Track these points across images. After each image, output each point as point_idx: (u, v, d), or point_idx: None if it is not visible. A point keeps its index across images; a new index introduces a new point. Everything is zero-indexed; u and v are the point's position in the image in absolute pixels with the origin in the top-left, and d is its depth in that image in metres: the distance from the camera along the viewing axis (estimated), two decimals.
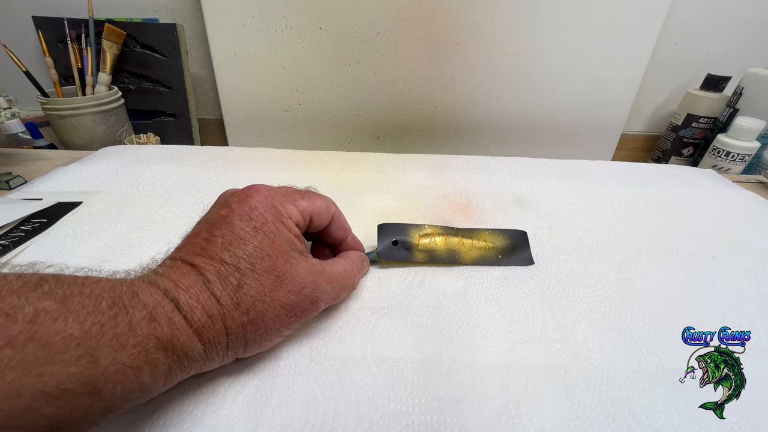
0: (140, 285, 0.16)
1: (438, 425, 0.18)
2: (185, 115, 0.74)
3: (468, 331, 0.23)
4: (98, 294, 0.14)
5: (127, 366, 0.14)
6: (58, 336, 0.12)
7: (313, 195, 0.23)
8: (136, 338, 0.14)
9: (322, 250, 0.26)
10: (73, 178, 0.39)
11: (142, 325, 0.15)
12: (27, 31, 0.68)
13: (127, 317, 0.14)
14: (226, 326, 0.17)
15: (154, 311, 0.15)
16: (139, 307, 0.15)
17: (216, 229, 0.19)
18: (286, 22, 0.67)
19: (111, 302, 0.14)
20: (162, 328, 0.15)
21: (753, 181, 0.48)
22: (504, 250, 0.30)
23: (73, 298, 0.14)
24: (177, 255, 0.19)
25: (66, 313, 0.13)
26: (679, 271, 0.29)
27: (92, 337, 0.13)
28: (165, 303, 0.16)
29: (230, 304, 0.17)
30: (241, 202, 0.20)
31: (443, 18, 0.67)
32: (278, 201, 0.21)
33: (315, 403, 0.19)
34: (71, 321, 0.13)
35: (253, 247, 0.18)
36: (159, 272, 0.17)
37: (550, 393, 0.20)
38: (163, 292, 0.16)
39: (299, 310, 0.20)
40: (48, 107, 0.60)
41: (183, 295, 0.16)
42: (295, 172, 0.42)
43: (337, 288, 0.22)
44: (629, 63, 0.71)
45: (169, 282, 0.17)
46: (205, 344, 0.17)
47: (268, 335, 0.19)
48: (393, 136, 0.79)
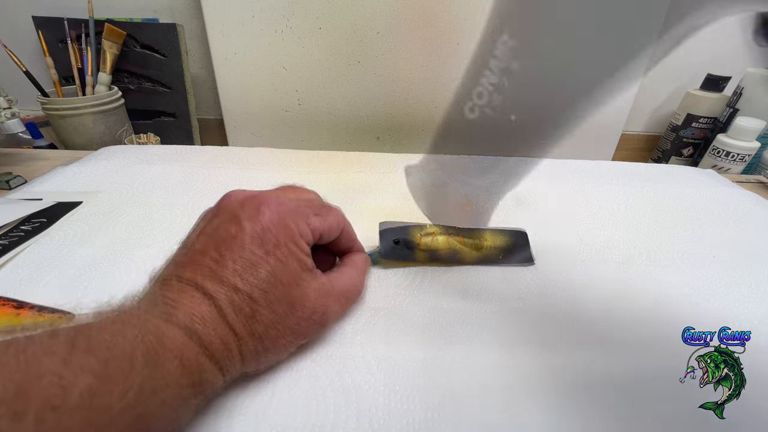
0: (160, 325, 0.15)
1: (438, 423, 0.18)
2: (185, 115, 0.74)
3: (468, 331, 0.23)
4: (130, 353, 0.14)
5: (171, 419, 0.15)
6: (108, 413, 0.12)
7: (326, 211, 0.22)
8: (173, 391, 0.14)
9: (325, 255, 0.26)
10: (73, 178, 0.39)
11: (176, 376, 0.15)
12: (27, 31, 0.68)
13: (161, 371, 0.14)
14: (241, 354, 0.17)
15: (182, 358, 0.15)
16: (168, 356, 0.15)
17: (225, 249, 0.18)
18: (286, 22, 0.67)
19: (144, 360, 0.14)
20: (192, 372, 0.15)
21: (753, 181, 0.48)
22: (505, 249, 0.30)
23: (110, 365, 0.13)
24: (183, 275, 0.18)
25: (110, 385, 0.13)
26: (679, 271, 0.29)
27: (138, 404, 0.13)
28: (190, 345, 0.16)
29: (245, 334, 0.17)
30: (252, 219, 0.19)
31: (443, 18, 0.67)
32: (290, 218, 0.20)
33: (316, 403, 0.19)
34: (116, 393, 0.13)
35: (266, 273, 0.18)
36: (169, 300, 0.17)
37: (550, 393, 0.20)
38: (184, 330, 0.16)
39: (308, 333, 0.20)
40: (48, 107, 0.60)
41: (201, 329, 0.16)
42: (295, 172, 0.42)
43: (345, 305, 0.23)
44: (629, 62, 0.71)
45: (184, 315, 0.16)
46: (224, 374, 0.17)
47: (279, 357, 0.20)
48: (393, 136, 0.79)
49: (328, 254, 0.26)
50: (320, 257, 0.25)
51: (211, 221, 0.20)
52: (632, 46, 0.19)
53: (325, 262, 0.25)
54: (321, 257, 0.25)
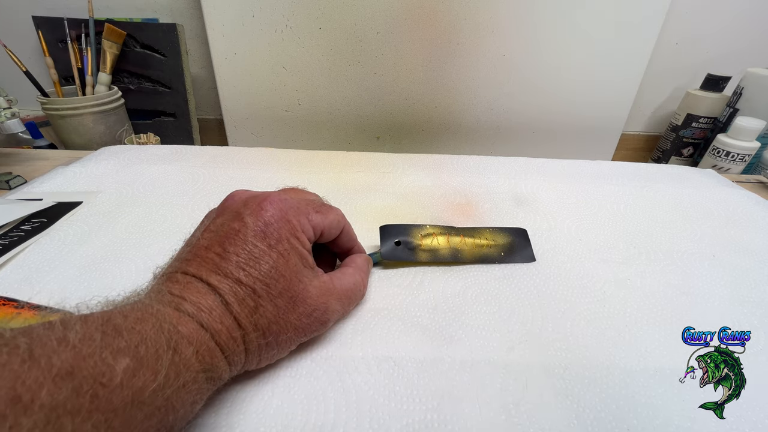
0: (172, 314, 0.16)
1: (438, 424, 0.18)
2: (185, 115, 0.74)
3: (468, 331, 0.23)
4: (155, 338, 0.14)
5: (191, 403, 0.15)
6: (144, 393, 0.13)
7: (326, 209, 0.23)
8: (191, 375, 0.15)
9: (325, 255, 0.26)
10: (73, 178, 0.39)
11: (192, 362, 0.15)
12: (27, 31, 0.68)
13: (181, 357, 0.15)
14: (246, 347, 0.18)
15: (197, 344, 0.15)
16: (184, 342, 0.15)
17: (229, 244, 0.18)
18: (286, 22, 0.67)
19: (166, 345, 0.14)
20: (205, 359, 0.16)
21: (753, 181, 0.48)
22: (506, 247, 0.30)
23: (139, 349, 0.14)
24: (188, 269, 0.18)
25: (143, 368, 0.13)
26: (679, 271, 0.29)
27: (167, 386, 0.14)
28: (201, 333, 0.16)
29: (249, 326, 0.17)
30: (255, 215, 0.19)
31: (443, 18, 0.67)
32: (292, 214, 0.20)
33: (316, 404, 0.19)
34: (149, 375, 0.13)
35: (268, 266, 0.18)
36: (175, 293, 0.17)
37: (550, 392, 0.20)
38: (194, 319, 0.16)
39: (309, 330, 0.20)
40: (48, 107, 0.60)
41: (207, 319, 0.16)
42: (295, 172, 0.42)
43: (346, 304, 0.23)
44: (629, 63, 0.71)
45: (191, 306, 0.16)
46: (230, 365, 0.17)
47: (279, 353, 0.20)
48: (393, 136, 0.79)
49: (328, 256, 0.26)
50: (320, 259, 0.25)
51: (215, 220, 0.20)
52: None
53: (325, 264, 0.25)
54: (321, 259, 0.25)
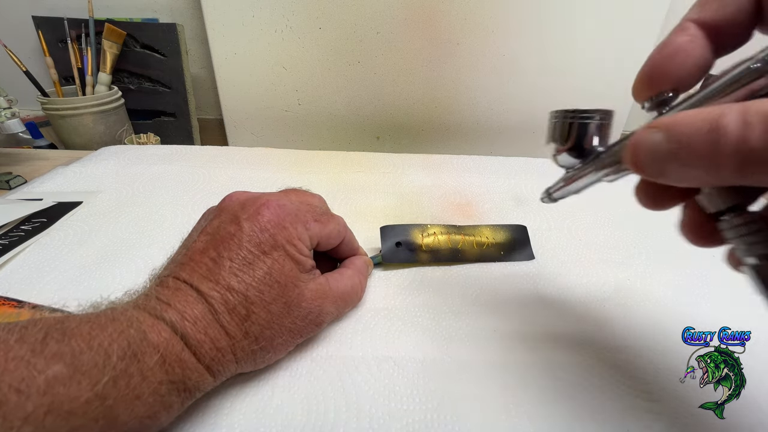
0: (146, 320, 0.15)
1: (438, 424, 0.18)
2: (185, 115, 0.74)
3: (468, 331, 0.23)
4: (107, 346, 0.14)
5: (144, 416, 0.14)
6: (75, 403, 0.12)
7: (326, 218, 0.22)
8: (150, 386, 0.14)
9: (324, 263, 0.25)
10: (73, 178, 0.39)
11: (155, 372, 0.15)
12: (27, 31, 0.68)
13: (139, 366, 0.14)
14: (236, 356, 0.17)
15: (165, 353, 0.15)
16: (149, 351, 0.15)
17: (223, 249, 0.18)
18: (286, 22, 0.67)
19: (121, 353, 0.14)
20: (174, 369, 0.15)
21: None
22: (505, 246, 0.30)
23: (82, 356, 0.13)
24: (180, 274, 0.18)
25: (78, 375, 0.13)
26: (679, 270, 0.29)
27: (108, 397, 0.13)
28: (174, 341, 0.16)
29: (239, 335, 0.17)
30: (252, 220, 0.19)
31: (443, 18, 0.67)
32: (289, 221, 0.20)
33: (316, 403, 0.19)
34: (84, 384, 0.13)
35: (262, 272, 0.18)
36: (163, 298, 0.17)
37: (550, 392, 0.20)
38: (171, 327, 0.16)
39: (305, 333, 0.20)
40: (48, 107, 0.60)
41: (191, 329, 0.16)
42: (295, 172, 0.42)
43: (341, 307, 0.22)
44: (629, 63, 0.71)
45: (175, 314, 0.16)
46: (215, 375, 0.17)
47: (276, 355, 0.20)
48: (393, 136, 0.79)
49: (328, 262, 0.26)
50: (319, 265, 0.25)
51: (213, 221, 0.20)
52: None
53: (326, 262, 0.25)
54: (320, 265, 0.25)
